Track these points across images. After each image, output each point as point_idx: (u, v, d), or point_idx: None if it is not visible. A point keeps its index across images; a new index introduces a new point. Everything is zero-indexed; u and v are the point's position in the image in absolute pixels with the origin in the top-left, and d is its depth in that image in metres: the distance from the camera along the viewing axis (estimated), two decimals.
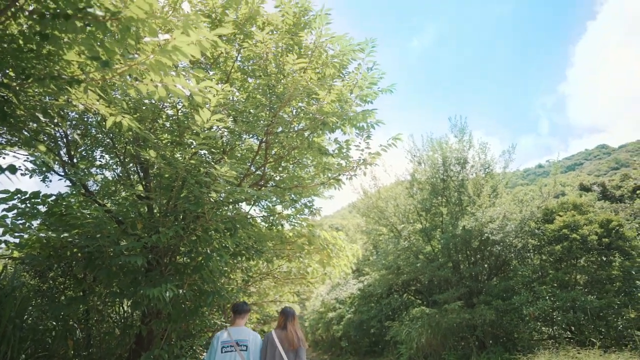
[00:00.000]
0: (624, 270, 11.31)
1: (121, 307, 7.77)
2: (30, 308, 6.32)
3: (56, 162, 6.73)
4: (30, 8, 3.34)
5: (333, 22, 6.31)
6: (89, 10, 2.54)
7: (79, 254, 6.24)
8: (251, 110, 6.19)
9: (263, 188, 6.90)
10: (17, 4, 3.06)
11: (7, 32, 3.79)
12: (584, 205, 13.64)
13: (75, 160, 6.97)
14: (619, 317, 10.65)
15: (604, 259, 11.81)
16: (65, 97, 3.99)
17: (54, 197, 5.82)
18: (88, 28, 2.87)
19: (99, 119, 6.54)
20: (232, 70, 6.84)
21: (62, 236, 5.26)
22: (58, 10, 3.10)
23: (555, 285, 12.18)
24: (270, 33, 6.57)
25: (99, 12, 2.52)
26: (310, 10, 6.68)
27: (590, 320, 10.71)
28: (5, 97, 3.54)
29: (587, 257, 12.04)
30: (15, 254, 6.48)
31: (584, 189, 31.78)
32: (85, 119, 6.75)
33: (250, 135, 7.19)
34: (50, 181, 7.06)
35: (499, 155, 15.87)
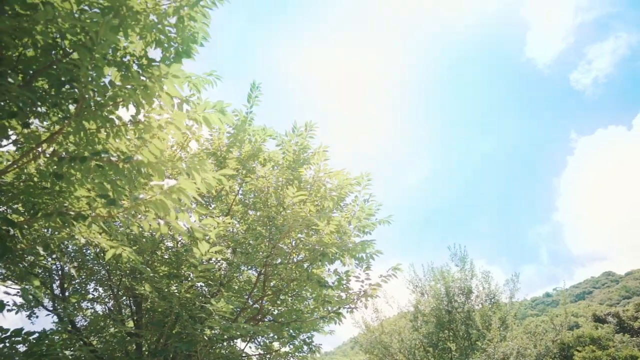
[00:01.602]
0: None
1: None
2: None
3: (47, 296, 6.51)
4: (51, 150, 3.62)
5: (331, 158, 6.77)
6: (104, 155, 2.76)
7: None
8: (250, 242, 6.24)
9: (260, 323, 6.56)
10: (41, 147, 3.33)
11: (25, 171, 4.04)
12: (603, 339, 12.82)
13: (67, 294, 6.77)
14: None
15: None
16: (68, 230, 4.06)
17: (36, 335, 5.49)
18: (100, 168, 3.07)
19: (97, 250, 6.54)
20: (233, 203, 7.08)
21: None
22: (75, 152, 3.36)
23: None
24: (271, 169, 6.99)
25: (112, 157, 2.74)
26: (309, 147, 7.19)
27: None
28: (10, 233, 3.60)
29: None
30: None
31: (599, 320, 30.24)
32: (84, 251, 6.75)
33: (249, 267, 7.11)
34: (37, 317, 6.74)
35: (503, 284, 15.48)
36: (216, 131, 7.11)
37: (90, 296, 7.27)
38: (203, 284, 6.46)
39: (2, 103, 3.01)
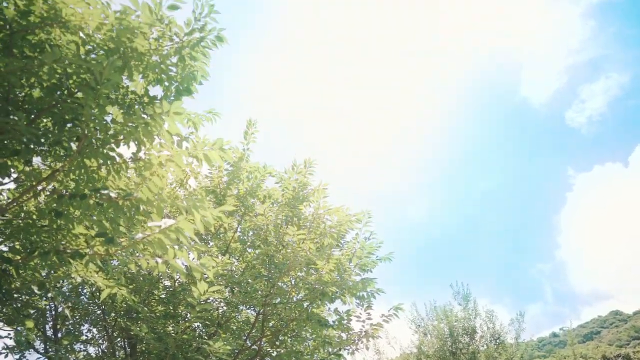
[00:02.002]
0: None
1: None
2: None
3: (38, 338, 6.33)
4: (51, 187, 3.63)
5: (330, 195, 6.77)
6: (104, 191, 2.77)
7: None
8: (249, 280, 6.14)
9: None
10: (42, 184, 3.34)
11: (24, 208, 4.03)
12: None
13: (59, 335, 6.58)
14: None
15: None
16: (65, 269, 4.00)
17: None
18: (100, 206, 3.06)
19: (93, 290, 6.42)
20: (232, 241, 7.02)
21: None
22: (75, 190, 3.37)
23: None
24: (270, 205, 6.97)
25: (112, 194, 2.74)
26: (309, 184, 7.19)
27: None
28: (6, 271, 3.55)
29: None
30: None
31: None
32: (79, 290, 6.62)
33: (248, 307, 6.95)
34: None
35: (508, 323, 15.08)
36: (216, 169, 7.15)
37: (84, 337, 7.07)
38: (200, 324, 6.29)
39: (5, 141, 3.04)
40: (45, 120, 3.61)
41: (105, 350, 7.10)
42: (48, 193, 3.42)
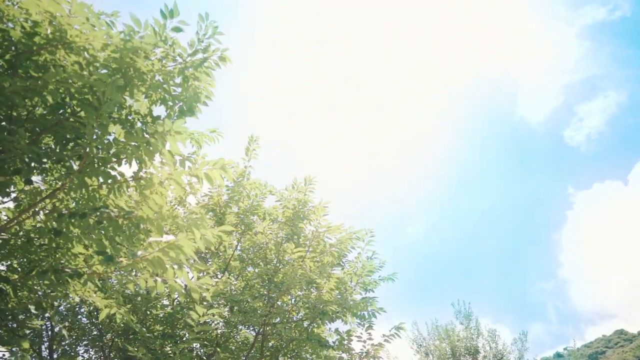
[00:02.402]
0: None
1: None
2: None
3: (34, 359, 6.22)
4: (51, 206, 3.62)
5: (330, 213, 6.75)
6: (104, 210, 2.76)
7: None
8: (248, 300, 6.07)
9: None
10: (42, 203, 3.33)
11: (23, 227, 4.01)
12: None
13: (55, 356, 6.47)
14: None
15: None
16: (62, 288, 3.96)
17: None
18: (100, 225, 3.05)
19: (91, 309, 6.34)
20: (232, 259, 6.96)
21: None
22: (75, 208, 3.36)
23: None
24: (270, 223, 6.94)
25: (112, 213, 2.74)
26: (310, 202, 7.16)
27: None
28: (4, 290, 3.51)
29: None
30: None
31: None
32: (77, 309, 6.53)
33: (247, 326, 6.86)
34: None
35: (511, 343, 14.86)
36: (216, 187, 7.14)
37: (80, 358, 6.94)
38: (199, 345, 6.19)
39: (8, 160, 3.05)
40: (47, 138, 3.62)
41: None
42: (47, 211, 3.41)
